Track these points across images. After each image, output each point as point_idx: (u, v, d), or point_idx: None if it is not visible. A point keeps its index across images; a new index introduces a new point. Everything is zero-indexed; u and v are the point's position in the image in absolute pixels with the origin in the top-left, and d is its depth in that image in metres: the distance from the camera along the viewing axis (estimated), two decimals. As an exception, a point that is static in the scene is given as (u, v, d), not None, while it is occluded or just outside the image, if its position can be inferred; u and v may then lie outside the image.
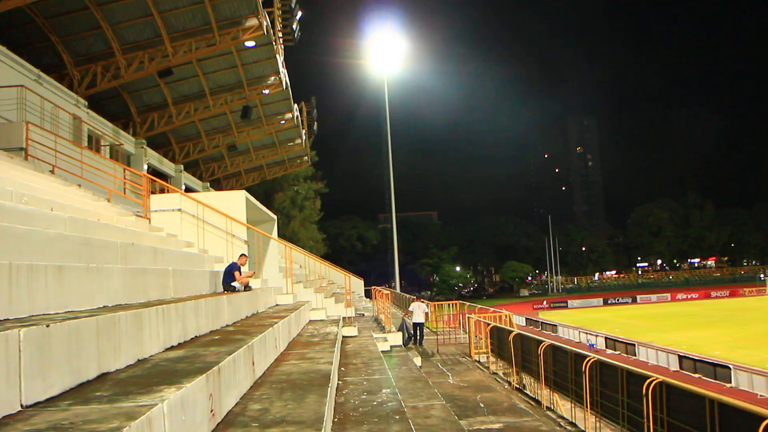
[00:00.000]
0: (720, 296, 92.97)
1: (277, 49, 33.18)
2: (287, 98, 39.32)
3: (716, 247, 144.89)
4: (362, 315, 26.81)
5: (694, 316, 65.06)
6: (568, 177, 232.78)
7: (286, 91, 37.45)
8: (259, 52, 32.49)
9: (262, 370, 7.48)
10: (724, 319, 60.70)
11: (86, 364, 4.32)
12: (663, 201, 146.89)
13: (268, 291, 14.74)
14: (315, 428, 4.82)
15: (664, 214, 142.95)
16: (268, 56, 33.17)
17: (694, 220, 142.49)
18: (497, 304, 79.65)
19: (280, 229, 55.90)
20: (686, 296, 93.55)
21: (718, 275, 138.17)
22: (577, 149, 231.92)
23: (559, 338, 52.07)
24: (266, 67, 34.52)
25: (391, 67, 52.48)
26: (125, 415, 3.37)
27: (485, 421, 10.52)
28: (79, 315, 4.76)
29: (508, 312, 22.26)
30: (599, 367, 9.40)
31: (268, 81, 35.80)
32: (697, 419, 6.80)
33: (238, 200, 16.60)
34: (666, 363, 37.43)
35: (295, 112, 42.31)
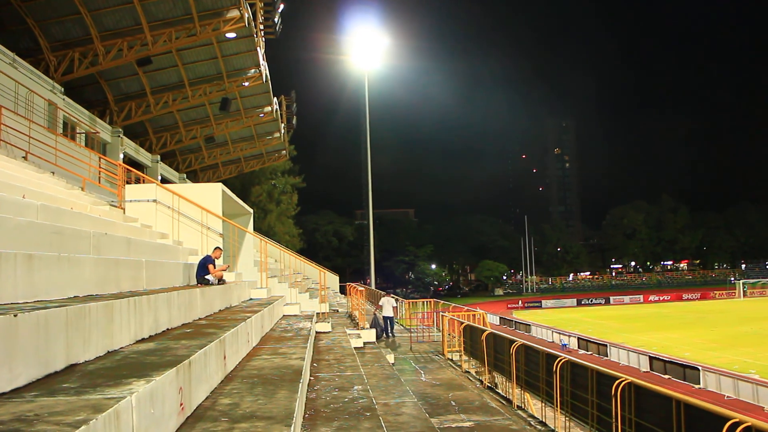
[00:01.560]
0: (691, 298, 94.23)
1: (258, 42, 33.01)
2: (267, 91, 39.15)
3: (689, 250, 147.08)
4: (336, 311, 26.78)
5: (666, 318, 65.89)
6: (545, 178, 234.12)
7: (265, 84, 37.27)
8: (240, 44, 32.31)
9: (233, 365, 7.44)
10: (694, 321, 61.55)
11: (54, 355, 4.26)
12: (638, 204, 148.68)
13: (242, 285, 14.65)
14: (285, 424, 4.80)
15: (638, 216, 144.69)
16: (248, 48, 33.00)
17: (668, 223, 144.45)
18: (472, 302, 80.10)
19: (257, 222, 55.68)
20: (658, 298, 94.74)
21: (690, 278, 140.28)
22: (555, 150, 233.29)
23: (533, 338, 52.45)
24: (246, 59, 34.33)
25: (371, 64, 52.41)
26: (92, 407, 3.33)
27: (456, 419, 10.55)
28: (49, 305, 4.69)
29: (482, 311, 22.37)
30: (570, 367, 9.48)
31: (248, 73, 35.62)
32: (665, 420, 6.89)
33: (214, 193, 16.49)
34: (637, 364, 37.89)
35: (275, 105, 42.14)
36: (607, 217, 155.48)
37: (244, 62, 34.72)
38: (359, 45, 51.46)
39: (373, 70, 53.80)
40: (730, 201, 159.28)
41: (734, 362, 35.75)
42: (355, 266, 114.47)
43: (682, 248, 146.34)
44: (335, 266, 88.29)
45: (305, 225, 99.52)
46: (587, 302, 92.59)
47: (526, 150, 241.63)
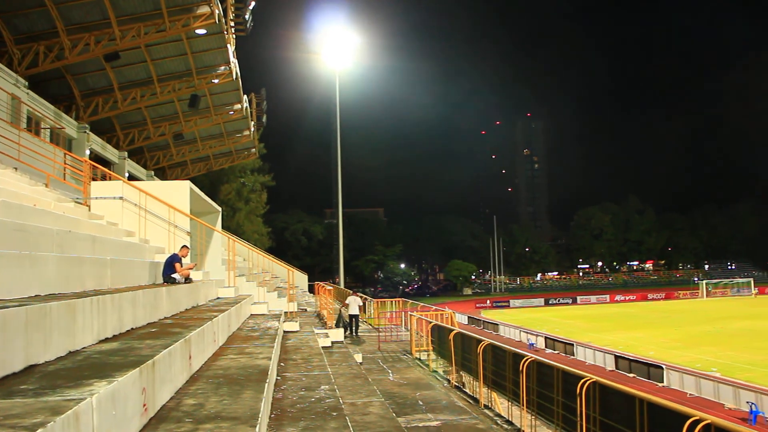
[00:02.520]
0: (656, 298, 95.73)
1: (229, 39, 32.75)
2: (237, 89, 38.85)
3: (654, 250, 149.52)
4: (305, 310, 26.72)
5: (631, 318, 66.84)
6: (515, 178, 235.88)
7: (235, 82, 36.98)
8: (210, 40, 32.01)
9: (199, 365, 7.38)
10: (659, 320, 62.52)
11: (12, 356, 4.17)
12: (605, 205, 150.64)
13: (210, 284, 14.53)
14: (250, 424, 4.77)
15: (605, 217, 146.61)
16: (218, 45, 32.71)
17: (634, 225, 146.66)
18: (440, 302, 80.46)
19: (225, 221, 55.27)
20: (624, 298, 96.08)
21: (655, 278, 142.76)
22: (524, 151, 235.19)
23: (501, 337, 52.83)
24: (217, 56, 34.03)
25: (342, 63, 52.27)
26: (51, 409, 3.26)
27: (423, 418, 10.58)
28: (8, 304, 4.60)
29: (450, 310, 22.47)
30: (536, 367, 9.56)
31: (218, 70, 35.31)
32: (628, 418, 6.98)
33: (182, 190, 16.32)
34: (603, 363, 38.39)
35: (245, 103, 41.84)
36: (575, 218, 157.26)
37: (214, 59, 34.40)
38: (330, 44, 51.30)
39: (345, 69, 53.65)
40: (694, 203, 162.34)
41: (697, 361, 36.39)
42: (325, 265, 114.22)
43: (648, 249, 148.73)
44: (304, 265, 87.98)
45: (274, 224, 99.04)
46: (555, 302, 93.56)
47: (496, 151, 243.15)
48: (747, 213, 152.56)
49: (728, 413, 26.45)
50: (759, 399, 26.29)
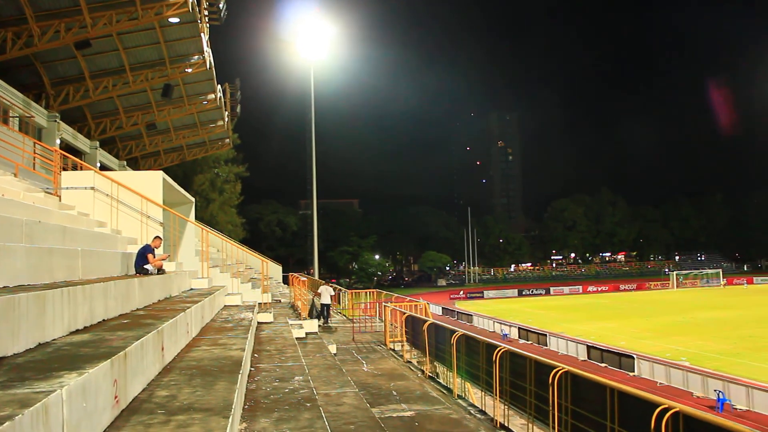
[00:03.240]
0: (628, 289, 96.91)
1: (202, 28, 32.42)
2: (210, 78, 38.50)
3: (626, 242, 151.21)
4: (279, 301, 26.65)
5: (603, 308, 67.59)
6: (489, 170, 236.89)
7: (209, 71, 36.66)
8: (183, 29, 31.68)
9: (172, 356, 7.33)
10: (630, 311, 63.30)
11: (-20, 348, 4.12)
12: (578, 197, 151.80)
13: (183, 275, 14.43)
14: (223, 415, 4.76)
15: (578, 209, 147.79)
16: (192, 34, 32.39)
17: (607, 216, 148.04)
18: (415, 293, 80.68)
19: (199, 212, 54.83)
20: (596, 289, 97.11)
21: (627, 269, 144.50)
22: (499, 143, 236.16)
23: (474, 328, 53.16)
24: (190, 45, 33.70)
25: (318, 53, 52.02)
26: (19, 402, 3.22)
27: (397, 409, 10.61)
28: (-24, 296, 4.53)
29: (424, 301, 22.54)
30: (509, 357, 9.62)
31: (191, 60, 34.98)
32: (599, 407, 7.05)
33: (154, 181, 16.16)
34: (575, 353, 38.80)
35: (218, 93, 41.48)
36: (549, 210, 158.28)
37: (188, 48, 34.06)
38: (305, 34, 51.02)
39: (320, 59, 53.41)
40: (665, 195, 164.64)
41: (667, 350, 36.93)
42: (299, 256, 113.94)
43: (620, 240, 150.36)
44: (279, 256, 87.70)
45: (248, 214, 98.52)
46: (528, 293, 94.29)
47: (471, 143, 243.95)
48: (716, 205, 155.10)
49: (697, 401, 26.91)
50: (726, 387, 26.78)
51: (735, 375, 29.11)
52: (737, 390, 26.50)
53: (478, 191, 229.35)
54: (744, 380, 27.45)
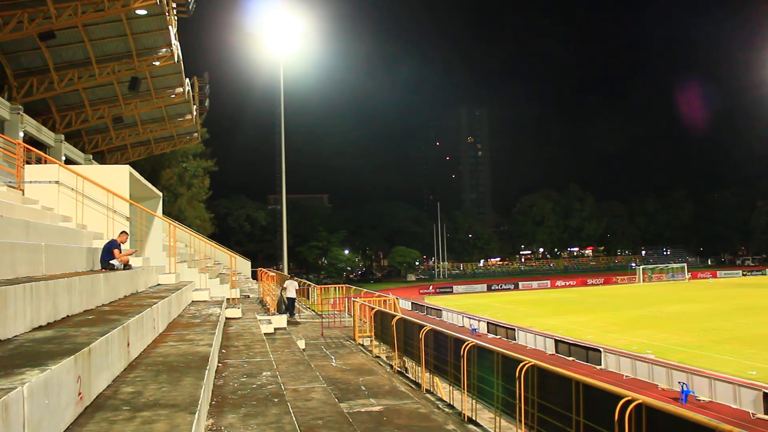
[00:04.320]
0: (595, 283, 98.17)
1: (170, 20, 32.01)
2: (179, 72, 38.06)
3: (594, 237, 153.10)
4: (247, 297, 26.55)
5: (571, 303, 68.38)
6: (458, 165, 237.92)
7: (177, 65, 36.22)
8: (151, 21, 31.26)
9: (138, 352, 7.26)
10: (598, 305, 64.14)
11: (-61, 345, 4.04)
12: (547, 192, 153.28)
13: (150, 270, 14.28)
14: (189, 411, 4.73)
15: (547, 204, 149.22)
16: (160, 27, 31.98)
17: (575, 212, 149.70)
18: (384, 288, 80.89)
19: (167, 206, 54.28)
20: (565, 283, 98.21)
21: (594, 264, 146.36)
22: (468, 139, 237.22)
23: (444, 323, 53.43)
24: (158, 38, 33.27)
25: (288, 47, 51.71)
26: (-21, 399, 3.18)
27: (366, 403, 10.64)
28: (-65, 291, 4.45)
29: (393, 296, 22.61)
30: (477, 351, 9.69)
31: (159, 53, 34.52)
32: (565, 400, 7.15)
33: (121, 175, 15.96)
34: (543, 347, 39.24)
35: (187, 86, 41.03)
36: (518, 205, 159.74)
37: (155, 41, 33.62)
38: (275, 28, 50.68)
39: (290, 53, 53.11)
40: (632, 191, 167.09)
41: (633, 343, 37.51)
42: (268, 251, 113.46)
43: (588, 235, 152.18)
44: (247, 251, 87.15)
45: (217, 209, 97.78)
46: (497, 287, 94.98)
47: (441, 138, 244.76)
48: (682, 201, 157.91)
49: (661, 393, 27.40)
50: (690, 379, 27.31)
51: (698, 367, 29.70)
52: (700, 382, 27.04)
53: (447, 186, 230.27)
54: (707, 372, 28.01)
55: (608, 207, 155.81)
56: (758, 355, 32.96)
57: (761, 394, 24.15)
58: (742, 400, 24.96)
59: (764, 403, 23.88)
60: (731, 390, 25.64)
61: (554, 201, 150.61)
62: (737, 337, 38.95)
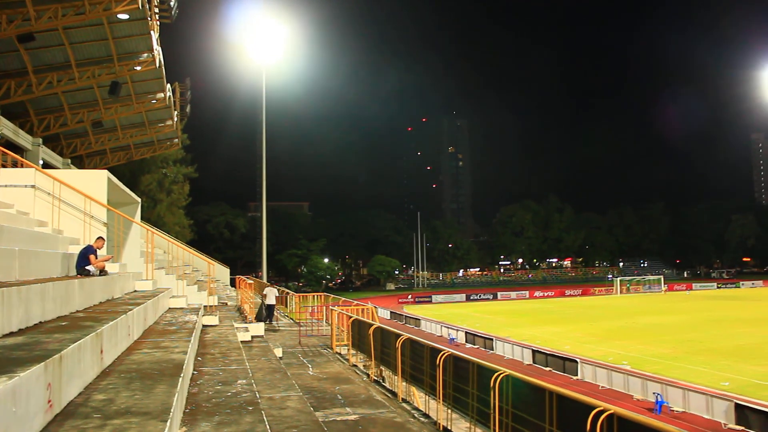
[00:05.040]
0: (573, 294, 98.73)
1: (152, 25, 31.87)
2: (160, 77, 37.87)
3: (572, 248, 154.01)
4: (225, 304, 26.44)
5: (549, 313, 68.70)
6: (439, 175, 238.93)
7: (159, 70, 36.05)
8: (133, 26, 31.10)
9: (111, 359, 7.21)
10: (575, 316, 64.53)
11: None
12: (526, 203, 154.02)
13: (126, 276, 14.18)
14: (161, 419, 4.71)
15: (526, 215, 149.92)
16: (141, 31, 31.82)
17: (554, 223, 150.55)
18: (363, 297, 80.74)
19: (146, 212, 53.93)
20: (543, 294, 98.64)
21: (573, 275, 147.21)
22: (449, 149, 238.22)
23: (422, 332, 53.47)
24: (139, 42, 33.08)
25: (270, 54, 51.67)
26: (-54, 405, 3.15)
27: (342, 412, 10.63)
28: None
29: (371, 305, 22.61)
30: (453, 361, 9.72)
31: (140, 57, 34.33)
32: (539, 410, 7.20)
33: (99, 180, 15.86)
34: (521, 357, 39.37)
35: (168, 92, 40.82)
36: (497, 216, 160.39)
37: (137, 46, 33.43)
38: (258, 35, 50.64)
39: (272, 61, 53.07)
40: (610, 203, 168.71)
41: (609, 354, 37.77)
42: (248, 259, 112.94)
43: (567, 246, 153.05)
44: (227, 258, 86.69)
45: (197, 216, 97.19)
46: (476, 297, 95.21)
47: (423, 148, 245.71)
48: (659, 214, 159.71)
49: (636, 404, 27.59)
50: (665, 390, 27.54)
51: (673, 378, 29.96)
52: (675, 392, 27.27)
53: (428, 196, 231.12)
54: (681, 383, 28.26)
55: (587, 219, 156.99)
56: (731, 367, 33.32)
57: (733, 405, 24.42)
58: (714, 411, 25.20)
59: (735, 414, 24.14)
60: (704, 401, 25.88)
61: (534, 212, 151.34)
62: (711, 349, 39.36)
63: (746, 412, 24.00)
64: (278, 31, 51.93)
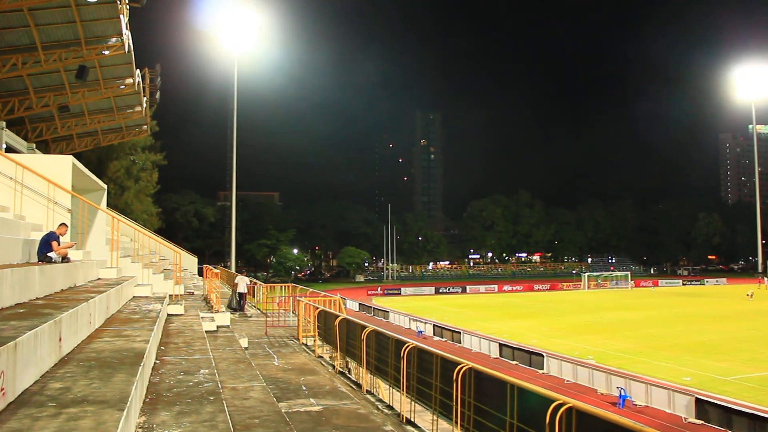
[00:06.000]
0: (541, 289, 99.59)
1: (122, 9, 31.33)
2: (129, 62, 37.26)
3: (541, 243, 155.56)
4: (192, 293, 26.26)
5: (517, 307, 69.26)
6: (411, 168, 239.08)
7: (128, 55, 35.45)
8: (101, 9, 30.54)
9: (71, 347, 7.11)
10: (543, 310, 65.13)
11: None
12: (497, 197, 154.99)
13: (90, 264, 13.99)
14: (118, 408, 4.66)
15: (497, 210, 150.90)
16: (110, 15, 31.27)
17: (524, 218, 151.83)
18: (333, 288, 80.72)
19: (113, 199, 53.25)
20: (512, 288, 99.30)
21: (542, 270, 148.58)
22: (422, 142, 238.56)
23: (390, 325, 53.60)
24: (108, 26, 32.50)
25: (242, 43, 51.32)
26: None
27: (305, 403, 10.61)
28: None
29: (339, 296, 22.59)
30: (417, 353, 9.75)
31: (109, 42, 33.74)
32: (501, 402, 7.26)
33: (63, 165, 15.60)
34: (488, 350, 39.65)
35: (137, 78, 40.20)
36: (468, 209, 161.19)
37: (105, 29, 32.85)
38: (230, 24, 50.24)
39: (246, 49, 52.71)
40: (580, 199, 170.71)
41: (575, 349, 38.19)
42: (216, 248, 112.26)
43: (536, 241, 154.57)
44: (195, 248, 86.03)
45: (165, 204, 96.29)
46: (445, 291, 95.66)
47: (394, 140, 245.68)
48: (627, 211, 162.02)
49: (600, 398, 27.97)
50: (628, 384, 27.94)
51: (636, 373, 30.39)
52: (638, 387, 27.69)
53: (399, 188, 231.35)
54: (644, 378, 28.71)
55: (557, 214, 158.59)
56: (693, 362, 33.92)
57: (693, 400, 24.86)
58: (675, 405, 25.65)
59: (696, 408, 24.59)
60: (666, 395, 26.32)
61: (504, 207, 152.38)
62: (674, 344, 40.00)
63: (706, 406, 24.47)
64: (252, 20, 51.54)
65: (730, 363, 33.79)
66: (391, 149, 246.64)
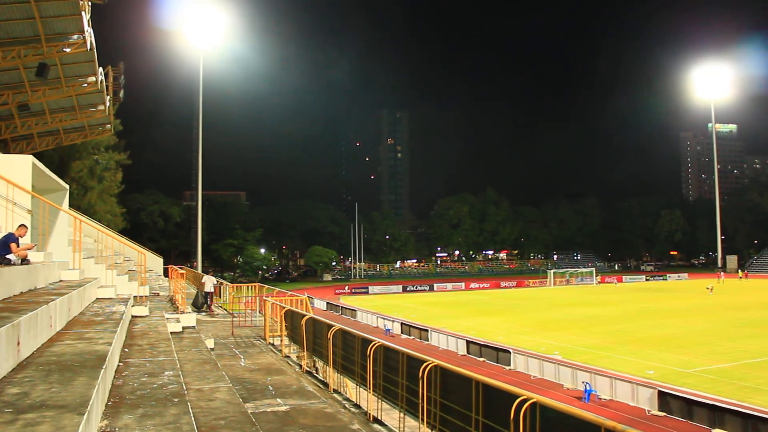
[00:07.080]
0: (508, 286, 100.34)
1: (84, 6, 30.81)
2: (91, 60, 36.63)
3: (508, 240, 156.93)
4: (157, 294, 25.97)
5: (484, 305, 69.67)
6: (378, 167, 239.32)
7: (90, 53, 34.85)
8: (62, 5, 29.97)
9: (30, 351, 6.98)
10: (509, 307, 65.61)
11: None
12: (464, 196, 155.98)
13: (52, 265, 13.74)
14: (78, 412, 4.58)
15: (464, 208, 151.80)
16: (72, 12, 30.69)
17: (491, 216, 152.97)
18: (300, 288, 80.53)
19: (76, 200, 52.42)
20: (479, 285, 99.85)
21: (509, 267, 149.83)
22: (388, 140, 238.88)
23: (358, 323, 53.60)
24: (69, 23, 31.91)
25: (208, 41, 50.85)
26: None
27: (272, 403, 10.56)
28: None
29: (306, 296, 22.54)
30: (383, 351, 9.76)
31: (70, 39, 33.16)
32: (466, 399, 7.30)
33: (23, 165, 15.28)
34: (455, 347, 39.83)
35: (100, 76, 39.53)
36: (435, 208, 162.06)
37: (67, 26, 32.24)
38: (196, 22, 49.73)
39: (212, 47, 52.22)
40: (545, 197, 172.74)
41: (542, 344, 38.57)
42: (182, 248, 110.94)
43: (503, 239, 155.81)
44: (160, 248, 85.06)
45: (130, 204, 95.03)
46: (412, 289, 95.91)
47: (361, 138, 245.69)
48: (592, 208, 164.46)
49: (566, 392, 28.28)
50: (593, 379, 28.29)
51: (601, 367, 30.81)
52: (602, 381, 28.04)
53: (366, 187, 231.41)
54: (608, 372, 29.09)
55: (523, 212, 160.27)
56: (656, 356, 34.47)
57: (656, 392, 25.29)
58: (639, 398, 26.05)
59: (659, 401, 25.03)
60: (630, 389, 26.71)
61: (471, 205, 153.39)
62: (638, 339, 40.62)
63: (668, 398, 24.93)
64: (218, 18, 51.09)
65: (690, 356, 34.41)
66: (358, 148, 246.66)
